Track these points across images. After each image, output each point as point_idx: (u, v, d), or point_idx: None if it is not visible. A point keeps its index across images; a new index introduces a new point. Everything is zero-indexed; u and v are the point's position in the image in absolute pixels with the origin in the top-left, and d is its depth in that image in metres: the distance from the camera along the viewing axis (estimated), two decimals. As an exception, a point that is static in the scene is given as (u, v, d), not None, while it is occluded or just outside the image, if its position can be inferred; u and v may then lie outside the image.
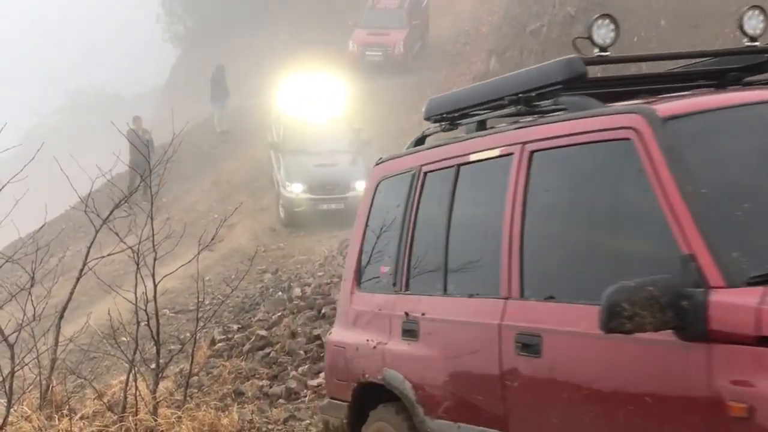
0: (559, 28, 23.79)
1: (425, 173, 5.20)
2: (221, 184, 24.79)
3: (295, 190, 20.06)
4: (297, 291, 12.85)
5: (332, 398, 5.69)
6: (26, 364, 7.21)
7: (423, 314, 4.88)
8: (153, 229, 6.83)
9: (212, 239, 7.36)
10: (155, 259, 6.89)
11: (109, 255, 7.26)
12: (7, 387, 6.81)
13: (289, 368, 9.29)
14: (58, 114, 64.21)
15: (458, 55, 32.75)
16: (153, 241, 6.86)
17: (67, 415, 6.77)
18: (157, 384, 7.10)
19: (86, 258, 7.18)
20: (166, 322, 14.05)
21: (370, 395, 5.25)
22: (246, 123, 28.11)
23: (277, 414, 7.84)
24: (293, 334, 10.32)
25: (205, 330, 11.25)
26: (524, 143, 4.45)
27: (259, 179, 24.30)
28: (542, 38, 24.05)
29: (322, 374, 8.70)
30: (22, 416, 6.76)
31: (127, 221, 7.30)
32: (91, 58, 71.76)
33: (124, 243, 6.95)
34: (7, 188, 6.94)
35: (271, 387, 8.86)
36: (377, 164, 5.82)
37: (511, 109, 4.79)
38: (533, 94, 4.61)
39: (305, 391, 8.48)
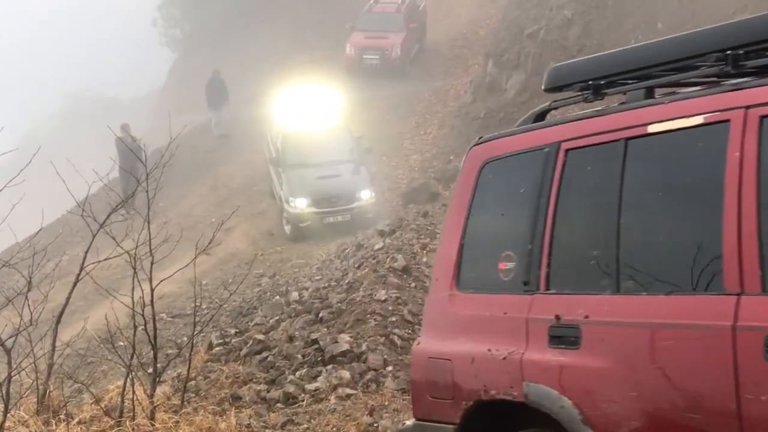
0: (556, 31, 23.81)
1: (567, 150, 4.44)
2: (219, 189, 24.78)
3: (300, 205, 19.63)
4: (295, 295, 12.83)
5: (424, 420, 4.87)
6: (23, 369, 7.19)
7: (586, 317, 4.12)
8: (150, 234, 6.81)
9: (209, 243, 7.34)
10: (152, 264, 6.87)
11: (106, 259, 7.24)
12: (4, 392, 6.79)
13: (286, 372, 9.27)
14: (55, 118, 64.22)
15: (456, 59, 32.77)
16: (150, 246, 6.84)
17: (64, 420, 6.75)
18: (154, 388, 7.09)
19: (83, 262, 7.16)
20: (164, 327, 14.04)
21: (490, 416, 4.55)
22: (243, 127, 28.08)
23: (275, 418, 7.82)
24: (291, 338, 10.30)
25: (202, 334, 11.25)
26: (747, 107, 3.75)
27: (256, 183, 24.29)
28: (540, 41, 24.07)
29: (320, 378, 8.69)
30: (19, 421, 6.73)
31: (124, 225, 7.29)
32: (89, 63, 71.74)
33: (121, 247, 6.93)
34: (3, 192, 6.92)
35: (268, 391, 8.84)
36: (476, 144, 5.08)
37: (695, 71, 4.23)
38: (742, 51, 4.01)
39: (303, 395, 8.46)
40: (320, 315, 10.70)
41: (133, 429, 6.65)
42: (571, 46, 23.53)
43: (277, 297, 13.84)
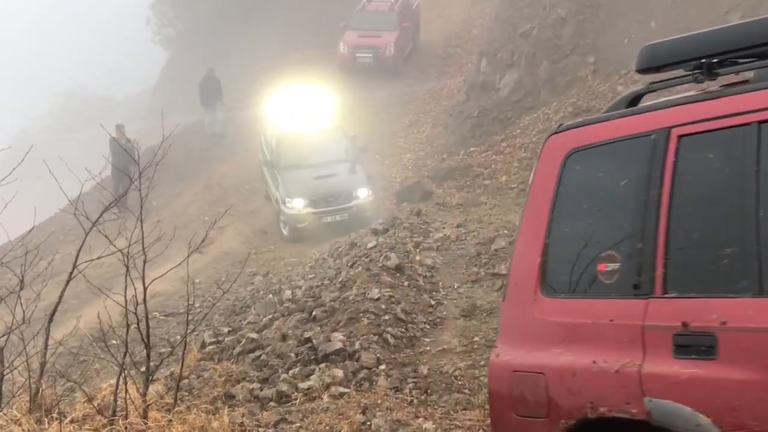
0: (549, 30, 23.85)
1: (680, 137, 4.02)
2: (212, 187, 24.76)
3: (297, 205, 19.56)
4: (288, 293, 12.84)
5: None
6: (16, 368, 7.18)
7: (723, 323, 3.64)
8: (143, 232, 6.81)
9: (202, 242, 7.33)
10: (145, 262, 6.86)
11: (98, 258, 7.22)
12: (-4, 390, 6.79)
13: (279, 371, 9.27)
14: (47, 117, 64.12)
15: (449, 58, 32.81)
16: (143, 244, 6.83)
17: (56, 419, 6.74)
18: (147, 387, 7.08)
19: (76, 261, 7.15)
20: (157, 325, 14.04)
21: None
22: (237, 126, 28.07)
23: (268, 417, 7.82)
24: (284, 337, 10.30)
25: (195, 333, 11.25)
26: None
27: (250, 182, 24.28)
28: (533, 40, 24.10)
29: (313, 377, 8.69)
30: (11, 420, 6.72)
31: (117, 224, 7.28)
32: (81, 61, 71.67)
33: (114, 246, 6.92)
34: (-4, 191, 6.92)
35: (261, 390, 8.83)
36: (555, 133, 4.58)
37: None
38: None
39: (296, 394, 8.46)
40: (313, 313, 10.70)
41: (126, 428, 6.64)
42: (565, 45, 23.57)
43: (271, 295, 13.84)
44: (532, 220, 4.49)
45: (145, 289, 6.87)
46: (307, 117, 20.86)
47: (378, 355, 9.07)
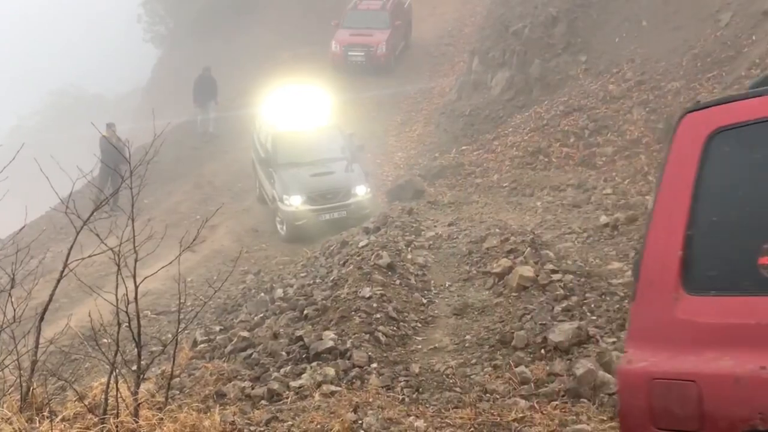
0: (541, 28, 23.89)
1: None
2: (203, 186, 24.72)
3: (294, 202, 19.25)
4: (279, 292, 12.83)
5: None
6: (6, 366, 7.17)
7: None
8: (134, 231, 6.79)
9: (194, 240, 7.32)
10: (136, 261, 6.85)
11: (89, 256, 7.20)
12: (-13, 389, 6.77)
13: (271, 369, 9.26)
14: (38, 115, 63.93)
15: (441, 56, 32.84)
16: (134, 243, 6.82)
17: (47, 417, 6.72)
18: (138, 386, 7.06)
19: (67, 259, 7.13)
20: (148, 324, 14.01)
21: None
22: (228, 124, 28.03)
23: (259, 415, 7.81)
24: (275, 336, 10.30)
25: (187, 331, 11.23)
26: None
27: (241, 180, 24.26)
28: (524, 39, 24.14)
29: (305, 375, 8.69)
30: (2, 418, 6.71)
31: (108, 222, 7.26)
32: (72, 59, 71.49)
33: (105, 244, 6.90)
34: (-13, 189, 6.90)
35: (253, 388, 8.83)
36: (692, 111, 4.11)
37: None
38: None
39: (287, 392, 8.45)
40: (305, 312, 10.70)
41: (117, 426, 6.63)
42: (557, 43, 23.63)
43: (262, 294, 13.83)
44: (668, 210, 3.98)
45: (136, 287, 6.86)
46: (302, 115, 20.69)
47: (370, 353, 9.07)
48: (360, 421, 7.24)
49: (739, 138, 3.84)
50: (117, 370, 6.94)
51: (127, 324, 6.93)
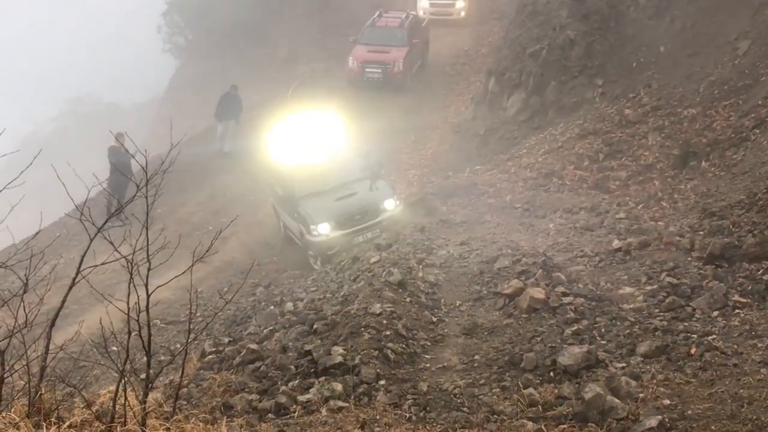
0: (558, 51, 23.92)
1: None
2: (217, 197, 24.78)
3: (323, 231, 18.24)
4: (289, 306, 12.85)
5: None
6: (16, 371, 7.18)
7: None
8: (148, 240, 6.81)
9: (207, 251, 7.33)
10: (149, 270, 6.87)
11: (102, 264, 7.22)
12: (-5, 393, 6.77)
13: (279, 383, 9.26)
14: (55, 122, 64.29)
15: (457, 75, 32.90)
16: (147, 252, 6.83)
17: (55, 423, 6.73)
18: (146, 395, 7.06)
19: (79, 266, 7.14)
20: (157, 333, 14.04)
21: None
22: (244, 137, 28.08)
23: (266, 429, 7.81)
24: (284, 349, 10.30)
25: (196, 342, 11.24)
26: None
27: (254, 193, 24.28)
28: (541, 60, 24.16)
29: (312, 390, 8.69)
30: (10, 423, 6.72)
31: (122, 230, 7.28)
32: (91, 68, 71.93)
33: (119, 252, 6.92)
34: (3, 194, 6.93)
35: (260, 401, 8.82)
36: None
37: None
38: None
39: (295, 406, 8.44)
40: (314, 326, 10.70)
41: (124, 435, 6.64)
42: (573, 66, 23.65)
43: (272, 307, 13.84)
44: None
45: (148, 296, 6.87)
46: (313, 142, 19.61)
47: (378, 370, 9.06)
48: (366, 438, 7.22)
49: None
50: (126, 379, 6.94)
51: (137, 332, 6.94)
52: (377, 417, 7.82)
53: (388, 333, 9.91)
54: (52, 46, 77.74)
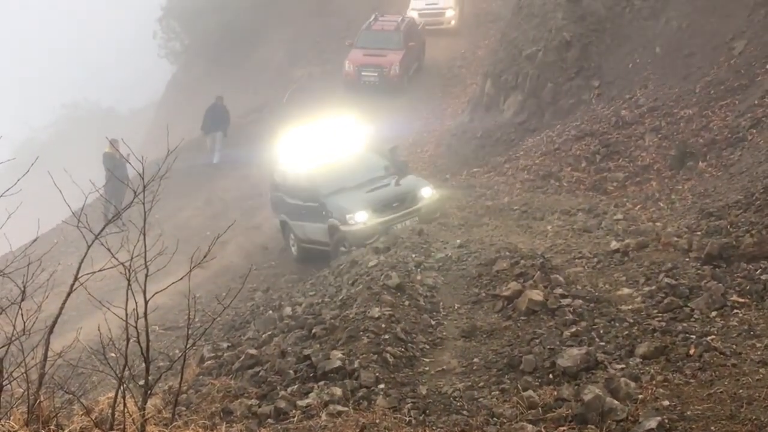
0: (554, 52, 23.94)
1: None
2: (214, 202, 24.79)
3: (360, 218, 17.23)
4: (288, 310, 12.84)
5: None
6: (14, 379, 7.17)
7: None
8: (146, 246, 6.81)
9: (205, 257, 7.33)
10: (147, 276, 6.86)
11: (100, 270, 7.22)
12: (-6, 401, 6.77)
13: (278, 388, 9.25)
14: (52, 128, 64.27)
15: (454, 78, 32.91)
16: (145, 258, 6.83)
17: (54, 431, 6.72)
18: (145, 401, 7.06)
19: (77, 273, 7.14)
20: (156, 339, 14.02)
21: None
22: (239, 141, 28.11)
23: (266, 434, 7.81)
24: (283, 354, 10.29)
25: (194, 347, 11.22)
26: None
27: (252, 198, 24.31)
28: (538, 62, 24.19)
29: (312, 394, 8.68)
30: (9, 431, 6.71)
31: (119, 237, 7.27)
32: (87, 73, 71.93)
33: (116, 258, 6.91)
34: (0, 201, 6.93)
35: (259, 406, 8.82)
36: None
37: None
38: None
39: (294, 411, 8.44)
40: (313, 331, 10.69)
41: (123, 441, 6.63)
42: (570, 68, 23.67)
43: (270, 312, 13.83)
44: None
45: (146, 302, 6.86)
46: (334, 144, 19.20)
47: (377, 374, 9.05)
48: (366, 442, 7.22)
49: None
50: (124, 385, 6.94)
51: (135, 339, 6.94)
52: (377, 421, 7.81)
53: (386, 337, 9.91)
54: (48, 51, 77.71)
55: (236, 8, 43.81)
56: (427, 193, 17.99)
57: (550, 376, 8.62)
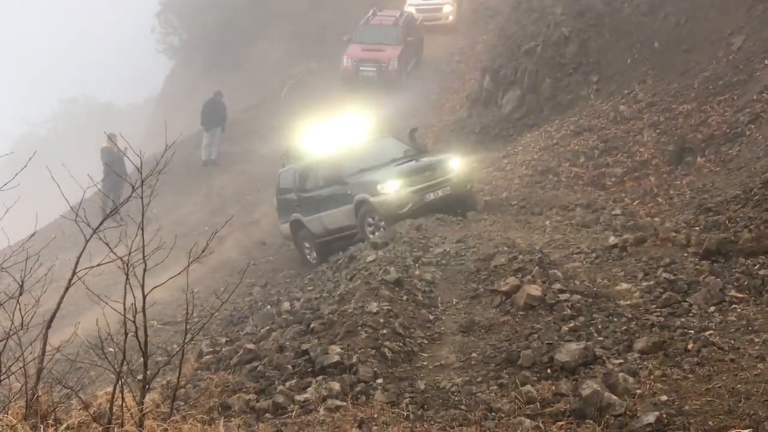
0: (553, 48, 23.93)
1: None
2: (212, 197, 24.79)
3: (392, 187, 16.80)
4: (286, 305, 12.84)
5: None
6: (12, 373, 7.17)
7: None
8: (144, 240, 6.80)
9: (203, 251, 7.32)
10: (145, 270, 6.86)
11: (98, 265, 7.21)
12: (-8, 396, 6.77)
13: (276, 383, 9.25)
14: (50, 123, 64.20)
15: (452, 73, 32.89)
16: (143, 252, 6.83)
17: (52, 425, 6.72)
18: (143, 396, 7.06)
19: (75, 267, 7.14)
20: (154, 334, 14.02)
21: None
22: (238, 136, 28.09)
23: (264, 429, 7.81)
24: (281, 349, 10.29)
25: (192, 342, 11.23)
26: None
27: (249, 193, 24.32)
28: (536, 58, 24.17)
29: (310, 389, 8.68)
30: (7, 426, 6.70)
31: (117, 231, 7.27)
32: (85, 68, 71.85)
33: (114, 253, 6.91)
34: (-1, 195, 6.93)
35: (258, 401, 8.82)
36: None
37: None
38: None
39: (292, 406, 8.44)
40: (311, 326, 10.69)
41: (121, 436, 6.63)
42: (568, 63, 23.66)
43: (269, 307, 13.84)
44: None
45: (144, 297, 6.86)
46: (350, 133, 19.03)
47: (375, 368, 9.05)
48: (364, 437, 7.22)
49: None
50: (122, 380, 6.94)
51: (133, 333, 6.94)
52: (375, 416, 7.81)
53: (385, 331, 9.91)
54: (46, 46, 77.62)
55: (234, 3, 43.75)
56: (457, 164, 17.75)
57: (548, 371, 8.62)
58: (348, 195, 17.64)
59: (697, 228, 12.41)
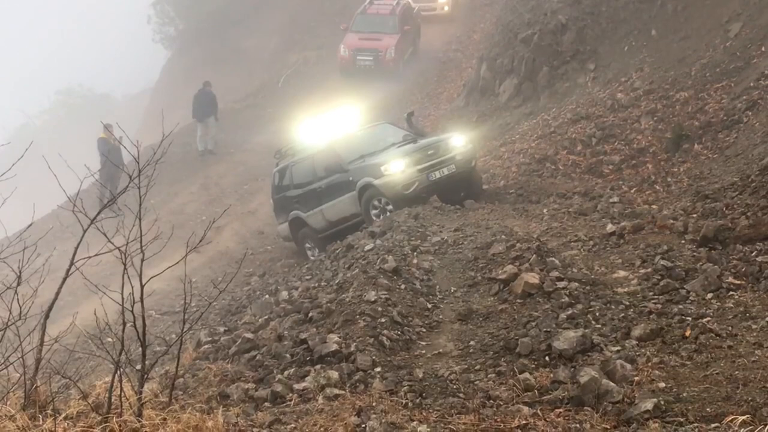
0: (550, 36, 23.91)
1: None
2: (210, 187, 24.77)
3: (396, 168, 16.64)
4: (284, 294, 12.85)
5: None
6: (11, 364, 7.18)
7: None
8: (141, 230, 6.80)
9: (200, 241, 7.32)
10: (143, 260, 6.86)
11: (96, 255, 7.22)
12: (-9, 386, 6.79)
13: (275, 371, 9.26)
14: (47, 114, 64.10)
15: (449, 62, 32.86)
16: (141, 242, 6.83)
17: (51, 416, 6.74)
18: (142, 385, 7.07)
19: (73, 258, 7.14)
20: (152, 324, 14.05)
21: None
22: (234, 126, 28.06)
23: (262, 417, 7.82)
24: (280, 338, 10.30)
25: (191, 332, 11.25)
26: None
27: (247, 182, 24.30)
28: (533, 46, 24.14)
29: (308, 378, 8.69)
30: (5, 416, 6.72)
31: (115, 222, 7.27)
32: (82, 59, 71.69)
33: (112, 243, 6.91)
34: (-5, 187, 6.93)
35: (256, 390, 8.83)
36: None
37: None
38: None
39: (291, 394, 8.45)
40: (309, 315, 10.70)
41: (120, 425, 6.64)
42: (565, 51, 23.63)
43: (267, 296, 13.86)
44: None
45: (142, 287, 6.87)
46: (345, 122, 18.87)
47: (373, 357, 9.06)
48: (363, 425, 7.23)
49: None
50: (121, 370, 6.95)
51: (132, 323, 6.94)
52: (373, 404, 7.82)
53: (383, 320, 9.92)
54: (42, 37, 77.46)
55: (231, -8, 43.69)
56: (460, 141, 17.64)
57: (546, 358, 8.63)
58: (350, 182, 17.40)
59: (695, 215, 12.42)
